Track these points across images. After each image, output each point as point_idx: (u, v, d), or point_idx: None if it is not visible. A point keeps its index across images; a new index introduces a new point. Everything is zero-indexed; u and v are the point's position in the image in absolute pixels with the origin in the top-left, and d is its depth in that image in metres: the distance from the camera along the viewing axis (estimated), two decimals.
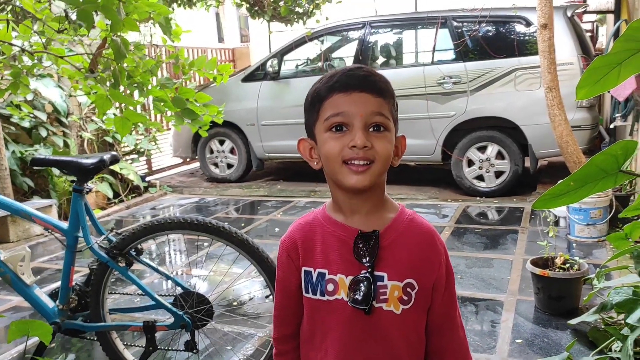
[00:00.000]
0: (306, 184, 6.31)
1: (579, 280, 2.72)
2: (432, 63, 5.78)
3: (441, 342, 1.09)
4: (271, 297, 2.06)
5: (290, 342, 1.16)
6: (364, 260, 1.01)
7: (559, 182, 1.40)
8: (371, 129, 0.98)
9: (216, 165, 6.77)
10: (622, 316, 2.40)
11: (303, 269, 1.08)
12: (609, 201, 3.80)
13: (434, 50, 5.86)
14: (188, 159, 7.61)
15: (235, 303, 3.11)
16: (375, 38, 6.29)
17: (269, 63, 6.37)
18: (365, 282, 1.00)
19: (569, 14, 5.45)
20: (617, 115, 4.69)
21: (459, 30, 5.68)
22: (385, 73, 5.55)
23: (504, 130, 5.42)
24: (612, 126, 4.82)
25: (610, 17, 6.98)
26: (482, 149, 5.50)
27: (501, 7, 5.56)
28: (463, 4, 5.82)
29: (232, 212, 5.40)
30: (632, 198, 4.11)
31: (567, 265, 2.78)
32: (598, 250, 3.66)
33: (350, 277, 1.02)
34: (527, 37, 5.53)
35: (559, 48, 5.24)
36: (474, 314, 2.83)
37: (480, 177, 5.52)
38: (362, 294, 1.00)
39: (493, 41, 5.50)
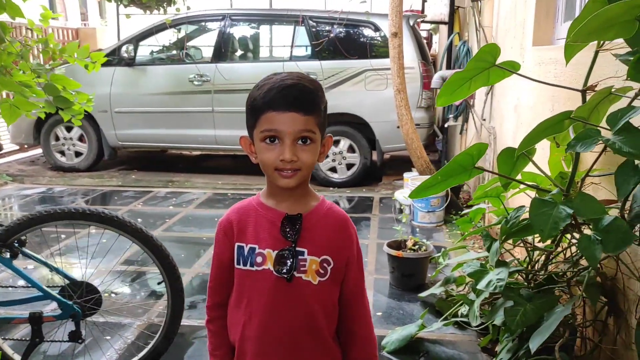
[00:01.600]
0: (163, 174, 6.24)
1: (426, 259, 3.17)
2: (291, 59, 6.05)
3: (352, 310, 1.31)
4: (164, 283, 2.14)
5: (220, 310, 1.33)
6: (289, 238, 1.22)
7: (431, 176, 1.70)
8: (299, 142, 1.16)
9: (62, 153, 6.39)
10: (460, 288, 2.87)
11: (236, 244, 1.25)
12: (446, 191, 4.39)
13: (292, 47, 6.14)
14: (26, 146, 7.06)
15: (125, 291, 3.08)
16: (235, 30, 6.39)
17: (124, 48, 6.16)
18: (290, 256, 1.21)
19: (411, 22, 6.07)
20: (450, 116, 5.37)
21: (315, 30, 6.02)
22: (245, 67, 5.75)
23: (355, 126, 5.88)
24: (446, 125, 5.50)
25: (443, 27, 7.83)
26: (336, 143, 5.90)
27: (355, 12, 5.99)
28: (317, 4, 6.17)
29: (84, 204, 5.17)
30: (462, 188, 4.78)
31: (417, 246, 3.21)
32: (437, 234, 4.21)
33: (276, 252, 1.22)
34: (376, 42, 6.05)
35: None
36: None
37: (333, 169, 5.94)
38: (286, 265, 1.21)
39: (346, 43, 5.93)
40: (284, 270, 1.21)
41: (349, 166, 5.93)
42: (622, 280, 1.83)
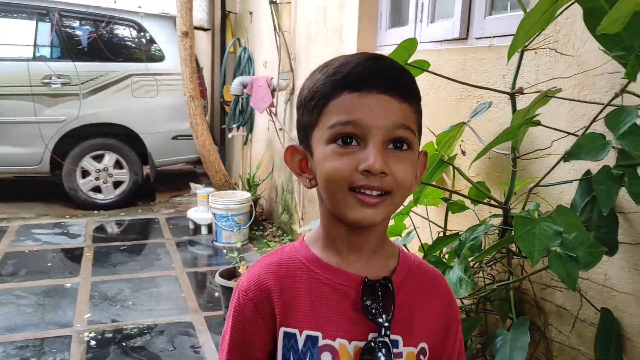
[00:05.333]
0: None
1: None
2: (34, 58, 4.97)
3: None
4: None
5: None
6: (380, 320, 0.74)
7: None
8: (390, 146, 0.72)
9: None
10: None
11: (282, 330, 0.75)
12: (250, 207, 4.06)
13: (35, 44, 5.06)
14: None
15: None
16: None
17: None
18: (383, 350, 0.73)
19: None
20: (233, 126, 5.05)
21: (65, 26, 5.09)
22: None
23: (122, 138, 5.14)
24: (230, 136, 5.16)
25: (200, 33, 7.49)
26: (99, 158, 5.09)
27: (117, 9, 5.24)
28: None
29: None
30: (257, 202, 4.50)
31: None
32: (247, 253, 3.83)
33: (355, 343, 0.74)
34: (142, 44, 5.40)
35: (169, 58, 5.32)
36: (169, 342, 2.54)
37: (97, 189, 5.09)
38: None
39: (108, 43, 5.15)
40: None
41: (117, 184, 5.15)
42: (532, 292, 1.78)
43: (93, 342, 2.51)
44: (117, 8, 5.24)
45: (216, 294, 3.10)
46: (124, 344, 2.51)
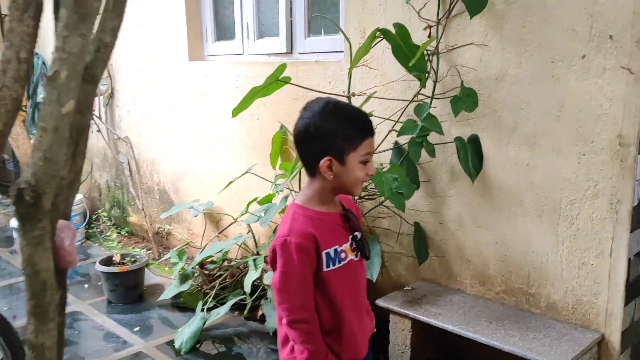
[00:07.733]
0: None
1: (144, 267, 3.25)
2: None
3: None
4: None
5: (315, 313, 1.44)
6: (354, 229, 1.49)
7: None
8: None
9: None
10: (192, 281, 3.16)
11: (323, 252, 1.41)
12: (83, 207, 4.28)
13: None
14: None
15: None
16: None
17: None
18: (361, 242, 1.49)
19: None
20: (35, 131, 5.03)
21: None
22: None
23: None
24: (32, 141, 5.10)
25: None
26: None
27: None
28: None
29: None
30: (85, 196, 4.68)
31: (128, 258, 3.24)
32: (91, 249, 4.09)
33: (345, 244, 1.47)
34: None
35: None
36: (72, 328, 2.84)
37: None
38: (361, 249, 1.49)
39: None
40: (361, 254, 1.49)
41: None
42: (367, 224, 2.70)
43: None
44: None
45: (86, 285, 3.42)
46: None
